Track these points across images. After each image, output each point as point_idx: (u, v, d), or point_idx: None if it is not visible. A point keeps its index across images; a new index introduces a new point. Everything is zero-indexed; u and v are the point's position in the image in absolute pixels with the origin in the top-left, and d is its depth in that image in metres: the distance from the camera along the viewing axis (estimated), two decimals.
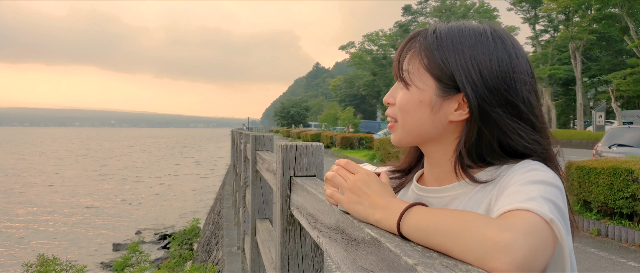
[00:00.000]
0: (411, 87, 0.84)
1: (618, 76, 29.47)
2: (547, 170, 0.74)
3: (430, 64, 0.83)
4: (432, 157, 0.89)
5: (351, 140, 25.62)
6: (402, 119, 0.86)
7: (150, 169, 37.94)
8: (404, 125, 0.87)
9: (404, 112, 0.86)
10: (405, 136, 0.88)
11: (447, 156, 0.86)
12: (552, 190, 0.69)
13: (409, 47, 0.87)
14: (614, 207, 6.09)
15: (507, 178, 0.76)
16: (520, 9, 39.82)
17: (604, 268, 4.99)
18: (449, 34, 0.83)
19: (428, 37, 0.85)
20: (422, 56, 0.84)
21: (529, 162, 0.78)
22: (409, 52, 0.86)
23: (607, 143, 11.00)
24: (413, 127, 0.86)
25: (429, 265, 0.55)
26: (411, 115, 0.85)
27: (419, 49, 0.85)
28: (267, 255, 2.40)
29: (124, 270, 9.00)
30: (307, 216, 1.19)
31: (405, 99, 0.85)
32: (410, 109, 0.85)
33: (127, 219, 18.06)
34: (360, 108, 72.94)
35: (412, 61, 0.85)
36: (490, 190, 0.79)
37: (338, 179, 0.85)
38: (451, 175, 0.86)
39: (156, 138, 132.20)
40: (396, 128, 0.89)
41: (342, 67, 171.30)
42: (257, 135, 3.45)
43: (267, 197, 3.30)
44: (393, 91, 0.89)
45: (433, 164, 0.89)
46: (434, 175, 0.90)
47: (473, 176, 0.81)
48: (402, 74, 0.86)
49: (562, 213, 0.67)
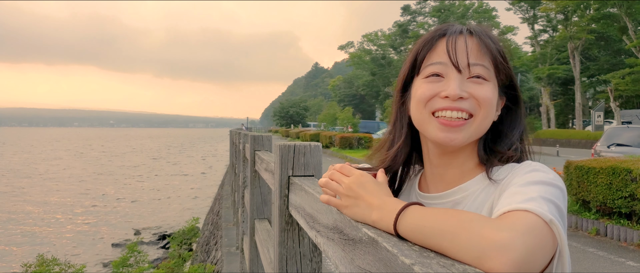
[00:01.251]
0: (490, 83, 0.83)
1: (617, 76, 29.50)
2: (549, 171, 0.74)
3: (500, 65, 0.84)
4: (457, 157, 0.88)
5: (350, 140, 25.62)
6: (484, 115, 0.83)
7: (149, 169, 37.91)
8: (482, 122, 0.83)
9: (488, 107, 0.83)
10: (474, 135, 0.84)
11: (469, 155, 0.88)
12: (553, 190, 0.69)
13: (480, 43, 0.84)
14: (613, 207, 6.09)
15: (507, 179, 0.76)
16: (518, 8, 39.84)
17: (603, 268, 4.99)
18: (491, 35, 0.87)
19: (494, 41, 0.85)
20: (493, 55, 0.84)
21: (529, 163, 0.79)
22: (482, 48, 0.84)
23: (605, 142, 11.01)
24: (486, 125, 0.84)
25: (426, 264, 0.55)
26: (491, 111, 0.84)
27: (487, 48, 0.84)
28: (266, 255, 2.39)
29: (123, 270, 8.98)
30: (305, 216, 1.18)
31: (491, 94, 0.83)
32: (494, 106, 0.84)
33: (126, 219, 18.05)
34: (359, 107, 72.94)
35: (485, 58, 0.83)
36: (492, 191, 0.79)
37: (332, 185, 0.84)
38: (463, 176, 0.87)
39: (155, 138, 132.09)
40: (468, 125, 0.82)
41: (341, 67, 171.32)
42: (255, 135, 3.45)
43: (266, 197, 3.29)
44: (461, 84, 0.82)
45: (453, 166, 0.88)
46: (442, 178, 0.89)
47: (489, 171, 0.84)
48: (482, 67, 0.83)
49: (562, 213, 0.67)
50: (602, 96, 34.02)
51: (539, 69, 37.34)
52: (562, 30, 35.08)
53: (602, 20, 31.91)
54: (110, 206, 20.89)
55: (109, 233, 15.60)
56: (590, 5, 32.30)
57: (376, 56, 62.12)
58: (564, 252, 0.64)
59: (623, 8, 28.57)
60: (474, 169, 0.87)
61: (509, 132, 0.88)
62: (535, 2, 37.67)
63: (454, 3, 52.71)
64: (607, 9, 30.98)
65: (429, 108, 0.84)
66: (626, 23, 29.16)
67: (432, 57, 0.85)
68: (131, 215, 18.95)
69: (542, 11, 36.13)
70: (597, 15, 31.88)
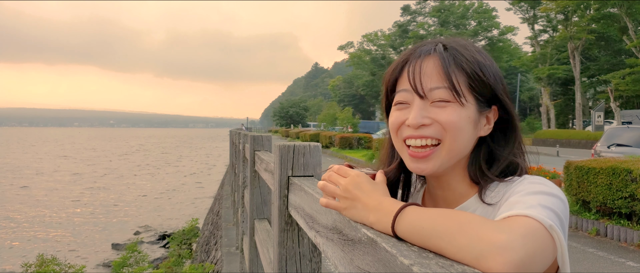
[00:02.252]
0: (454, 105, 0.79)
1: (617, 76, 29.50)
2: (549, 183, 0.74)
3: (474, 80, 0.80)
4: (447, 181, 0.86)
5: (350, 140, 25.63)
6: (452, 139, 0.79)
7: (149, 169, 37.91)
8: (452, 146, 0.80)
9: (456, 130, 0.79)
10: (448, 161, 0.81)
11: (460, 177, 0.85)
12: (554, 200, 0.69)
13: (449, 61, 0.80)
14: (613, 207, 6.09)
15: (509, 192, 0.76)
16: (519, 9, 39.84)
17: (603, 268, 4.99)
18: (478, 52, 0.83)
19: (464, 54, 0.81)
20: (456, 71, 0.80)
21: (530, 177, 0.79)
22: (451, 66, 0.80)
23: (606, 142, 11.01)
24: (460, 147, 0.80)
25: (425, 265, 0.55)
26: (463, 134, 0.80)
27: (446, 65, 0.80)
28: (266, 255, 2.39)
29: (123, 270, 8.99)
30: (304, 217, 1.18)
31: (457, 116, 0.79)
32: (463, 126, 0.79)
33: (126, 219, 18.05)
34: (359, 108, 72.98)
35: (449, 78, 0.79)
36: (491, 209, 0.79)
37: (329, 187, 0.83)
38: (462, 197, 0.86)
39: (155, 138, 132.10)
40: (437, 152, 0.80)
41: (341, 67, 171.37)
42: (255, 135, 3.45)
43: (266, 197, 3.29)
44: (423, 111, 0.80)
45: (445, 188, 0.87)
46: (446, 199, 0.88)
47: (482, 193, 0.82)
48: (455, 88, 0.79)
49: (562, 223, 0.67)
50: (602, 96, 34.04)
51: (539, 70, 37.33)
52: (562, 30, 35.07)
53: (602, 20, 31.90)
54: (110, 206, 20.89)
55: (109, 233, 15.61)
56: (590, 5, 32.30)
57: (376, 56, 62.12)
58: (565, 260, 0.65)
59: (623, 8, 28.57)
60: (470, 189, 0.86)
61: (498, 149, 0.84)
62: (535, 2, 37.67)
63: (453, 3, 52.69)
64: (607, 9, 30.97)
65: (400, 136, 0.84)
66: (626, 23, 29.15)
67: (400, 84, 0.85)
68: (131, 214, 18.96)
69: (542, 11, 36.12)
70: (597, 16, 31.88)
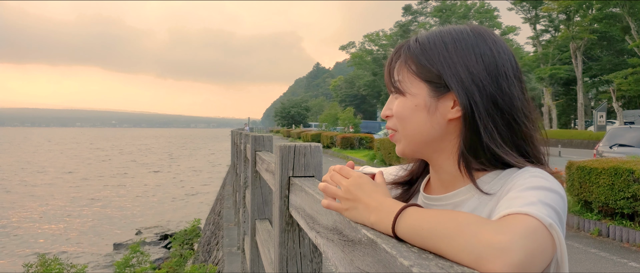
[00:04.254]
0: (405, 95, 0.86)
1: (619, 76, 29.43)
2: (550, 177, 0.74)
3: (418, 68, 0.85)
4: (437, 163, 0.88)
5: (351, 140, 25.62)
6: (402, 127, 0.87)
7: (150, 168, 37.97)
8: (405, 132, 0.87)
9: (402, 119, 0.87)
10: (409, 145, 0.88)
11: (451, 161, 0.85)
12: (553, 196, 0.68)
13: (396, 59, 0.90)
14: (615, 207, 6.08)
15: (508, 185, 0.75)
16: (520, 8, 39.79)
17: (605, 269, 4.98)
18: (431, 38, 0.86)
19: (411, 45, 0.88)
20: (409, 63, 0.87)
21: (530, 169, 0.77)
22: (397, 63, 0.89)
23: (608, 143, 10.98)
24: (414, 133, 0.86)
25: (424, 266, 0.55)
26: (409, 121, 0.86)
27: (405, 58, 0.88)
28: (267, 255, 2.40)
29: (125, 270, 9.00)
30: (305, 217, 1.18)
31: (401, 107, 0.87)
32: (407, 115, 0.86)
33: (128, 219, 18.08)
34: (361, 108, 72.93)
35: (401, 71, 0.88)
36: (488, 198, 0.79)
37: (331, 189, 0.84)
38: (457, 180, 0.85)
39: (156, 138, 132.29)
40: (398, 138, 0.90)
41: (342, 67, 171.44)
42: (256, 135, 3.45)
43: (267, 197, 3.30)
44: (389, 104, 0.90)
45: (439, 171, 0.89)
46: (440, 182, 0.89)
47: (476, 181, 0.80)
48: (394, 85, 0.88)
49: (561, 220, 0.66)
50: (605, 96, 33.98)
51: (541, 70, 37.28)
52: (564, 30, 35.02)
53: (604, 20, 31.85)
54: (111, 206, 20.93)
55: (110, 233, 15.64)
56: (592, 5, 32.26)
57: (377, 56, 62.13)
58: (564, 258, 0.64)
59: (625, 8, 28.51)
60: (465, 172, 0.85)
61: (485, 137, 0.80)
62: (537, 2, 37.61)
63: (455, 3, 52.67)
64: (610, 8, 30.92)
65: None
66: (629, 23, 29.09)
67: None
68: (133, 214, 18.99)
69: (544, 11, 36.09)
70: (600, 15, 31.83)
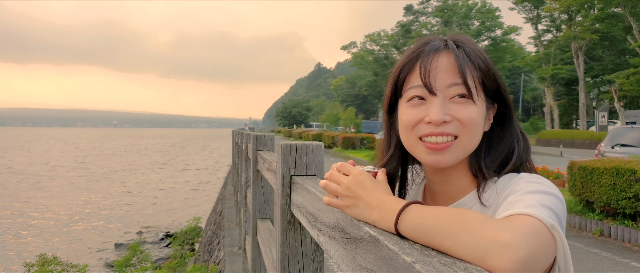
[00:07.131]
0: (476, 102, 0.81)
1: (621, 76, 29.37)
2: (547, 182, 0.75)
3: (485, 77, 0.83)
4: (449, 175, 0.87)
5: (353, 140, 25.61)
6: (469, 136, 0.81)
7: (151, 168, 38.00)
8: (468, 142, 0.82)
9: (472, 127, 0.81)
10: (461, 155, 0.83)
11: (461, 173, 0.87)
12: (551, 199, 0.70)
13: (464, 63, 0.81)
14: (617, 207, 6.06)
15: (505, 192, 0.77)
16: (522, 8, 39.70)
17: (607, 269, 4.97)
18: (476, 47, 0.85)
19: (468, 52, 0.83)
20: (470, 68, 0.82)
21: (527, 175, 0.79)
22: (448, 63, 0.81)
23: (609, 143, 10.97)
24: (473, 143, 0.83)
25: (427, 262, 0.55)
26: (479, 130, 0.83)
27: (462, 61, 0.81)
28: (268, 254, 2.39)
29: (126, 269, 9.00)
30: (307, 215, 1.18)
31: (475, 114, 0.81)
32: (480, 123, 0.82)
33: (129, 219, 18.09)
34: (362, 108, 72.92)
35: (464, 74, 0.81)
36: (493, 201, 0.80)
37: (332, 186, 0.84)
38: (462, 192, 0.87)
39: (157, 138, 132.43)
40: (453, 147, 0.82)
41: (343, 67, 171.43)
42: (258, 135, 3.45)
43: (268, 197, 3.29)
44: (443, 107, 0.80)
45: (446, 183, 0.88)
46: (445, 195, 0.89)
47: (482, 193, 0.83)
48: (470, 90, 0.80)
49: (561, 221, 0.68)
50: (606, 96, 33.89)
51: (543, 69, 37.21)
52: (566, 30, 34.94)
53: (606, 20, 31.78)
54: (112, 206, 20.95)
55: (111, 233, 15.65)
56: (594, 5, 32.18)
57: (379, 56, 62.06)
58: (568, 259, 0.66)
59: (627, 8, 28.44)
60: (471, 184, 0.87)
61: (497, 144, 0.87)
62: (539, 2, 37.54)
63: (456, 3, 52.56)
64: (611, 8, 30.84)
65: (415, 133, 0.84)
66: (630, 23, 29.01)
67: (412, 80, 0.84)
68: (134, 214, 19.00)
69: (546, 11, 36.01)
70: (601, 15, 31.76)
